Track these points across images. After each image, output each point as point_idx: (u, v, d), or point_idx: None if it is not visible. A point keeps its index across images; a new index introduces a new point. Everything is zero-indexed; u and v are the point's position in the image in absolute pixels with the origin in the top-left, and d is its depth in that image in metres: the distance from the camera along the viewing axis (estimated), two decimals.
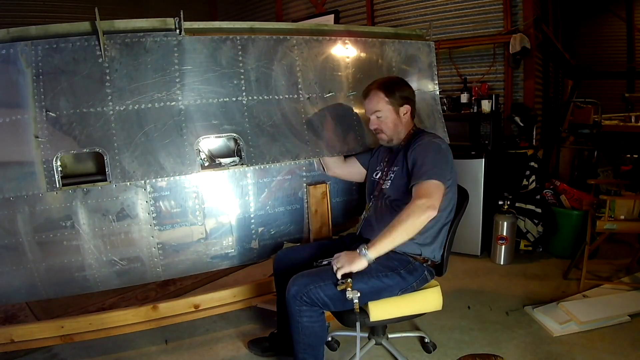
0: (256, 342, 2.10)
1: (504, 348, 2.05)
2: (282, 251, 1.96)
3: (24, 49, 1.60)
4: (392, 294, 1.62)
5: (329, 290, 1.50)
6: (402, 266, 1.63)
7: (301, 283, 1.53)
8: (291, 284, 1.54)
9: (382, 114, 1.73)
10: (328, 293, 1.50)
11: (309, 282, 1.52)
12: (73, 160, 1.93)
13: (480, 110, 3.46)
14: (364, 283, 1.53)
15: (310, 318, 1.53)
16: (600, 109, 4.02)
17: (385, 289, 1.60)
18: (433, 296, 1.72)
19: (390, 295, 1.62)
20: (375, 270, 1.57)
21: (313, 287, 1.51)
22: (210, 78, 1.84)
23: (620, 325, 2.21)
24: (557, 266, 3.03)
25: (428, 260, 1.70)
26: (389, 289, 1.60)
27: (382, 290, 1.60)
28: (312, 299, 1.50)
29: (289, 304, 1.53)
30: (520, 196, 3.29)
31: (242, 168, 1.92)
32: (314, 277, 1.54)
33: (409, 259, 1.66)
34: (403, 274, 1.62)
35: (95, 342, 2.08)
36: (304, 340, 1.55)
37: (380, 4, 4.50)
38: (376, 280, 1.57)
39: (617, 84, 6.63)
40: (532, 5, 3.69)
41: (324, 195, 2.07)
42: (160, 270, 1.89)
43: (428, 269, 1.70)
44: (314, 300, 1.51)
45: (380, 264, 1.57)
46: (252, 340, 2.12)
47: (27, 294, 1.78)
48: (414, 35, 2.29)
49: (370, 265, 1.51)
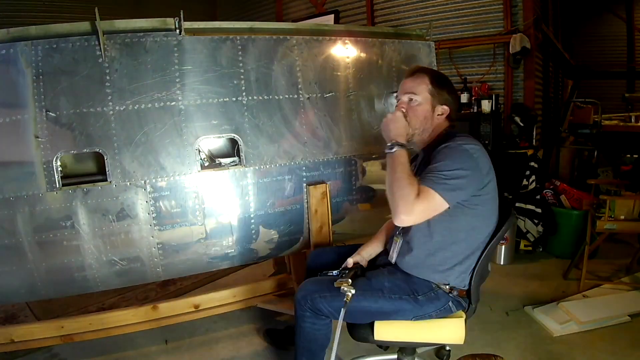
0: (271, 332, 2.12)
1: (504, 348, 2.05)
2: (316, 250, 1.90)
3: (24, 49, 1.60)
4: (404, 318, 1.47)
5: (334, 302, 1.43)
6: (421, 292, 1.45)
7: (308, 289, 1.49)
8: (300, 288, 1.52)
9: (418, 99, 1.48)
10: (333, 304, 1.44)
11: (315, 291, 1.47)
12: (73, 160, 1.93)
13: (480, 110, 3.46)
14: (373, 302, 1.44)
15: (312, 324, 1.49)
16: (600, 109, 4.02)
17: (397, 312, 1.45)
18: (454, 328, 1.47)
19: (402, 318, 1.47)
20: (389, 291, 1.45)
21: (318, 296, 1.46)
22: (210, 78, 1.84)
23: (620, 325, 2.21)
24: (557, 266, 3.03)
25: (454, 290, 1.46)
26: (401, 312, 1.45)
27: (392, 313, 1.46)
28: (315, 307, 1.46)
29: (295, 306, 1.52)
30: (520, 196, 3.29)
31: (242, 168, 1.92)
32: (321, 286, 1.49)
33: (432, 285, 1.46)
34: (421, 300, 1.44)
35: (95, 342, 2.08)
36: (303, 344, 1.53)
37: (380, 4, 4.51)
38: (385, 302, 1.44)
39: (617, 84, 6.63)
40: (532, 5, 3.70)
41: (324, 195, 2.07)
42: (160, 270, 1.89)
43: (454, 300, 1.46)
44: (317, 308, 1.46)
45: (394, 284, 1.46)
46: (268, 330, 2.13)
47: (27, 294, 1.78)
48: (414, 35, 2.29)
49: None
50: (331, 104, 2.07)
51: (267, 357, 2.07)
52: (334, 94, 2.05)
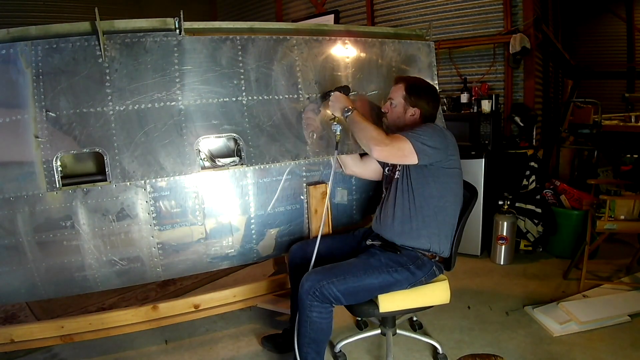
0: (270, 339, 2.12)
1: (504, 348, 2.05)
2: (296, 245, 2.00)
3: (24, 49, 1.60)
4: (401, 288, 1.71)
5: (341, 286, 1.60)
6: (411, 262, 1.72)
7: (315, 279, 1.61)
8: (305, 280, 1.63)
9: (394, 103, 1.85)
10: (340, 288, 1.60)
11: (322, 278, 1.61)
12: (73, 160, 1.93)
13: (480, 110, 3.46)
14: (375, 278, 1.65)
15: (319, 314, 1.60)
16: (600, 109, 4.01)
17: (395, 284, 1.69)
18: (441, 290, 1.80)
19: (399, 289, 1.71)
20: (386, 266, 1.69)
21: (326, 282, 1.60)
22: (210, 78, 1.84)
23: (620, 325, 2.22)
24: (557, 266, 3.03)
25: (436, 256, 1.77)
26: (399, 283, 1.70)
27: (392, 285, 1.69)
28: (324, 294, 1.59)
29: (301, 298, 1.61)
30: (520, 196, 3.30)
31: (242, 168, 1.92)
32: (326, 274, 1.63)
33: (418, 254, 1.74)
34: (412, 269, 1.71)
35: (95, 342, 2.08)
36: (310, 334, 1.62)
37: (380, 4, 4.50)
38: (386, 275, 1.67)
39: (617, 84, 6.63)
40: (532, 5, 3.69)
41: (324, 195, 2.07)
42: (160, 270, 1.89)
43: (437, 265, 1.78)
44: (325, 295, 1.59)
45: (390, 260, 1.71)
46: (266, 337, 2.14)
47: (27, 294, 1.78)
48: (413, 35, 2.29)
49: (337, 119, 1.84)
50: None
51: (267, 357, 2.07)
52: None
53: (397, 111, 1.84)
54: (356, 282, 1.63)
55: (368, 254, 1.77)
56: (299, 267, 1.85)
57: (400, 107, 1.83)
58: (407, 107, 1.82)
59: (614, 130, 4.45)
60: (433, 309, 1.88)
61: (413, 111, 1.81)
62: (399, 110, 1.83)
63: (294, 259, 1.95)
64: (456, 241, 1.82)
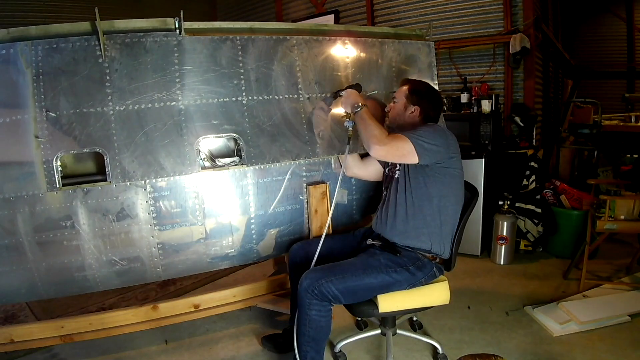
0: (270, 338, 2.12)
1: (504, 348, 2.05)
2: (296, 245, 2.01)
3: (24, 49, 1.60)
4: (400, 288, 1.72)
5: (340, 284, 1.61)
6: (411, 263, 1.72)
7: (314, 277, 1.62)
8: (304, 278, 1.64)
9: (397, 101, 1.89)
10: (339, 287, 1.61)
11: (321, 277, 1.62)
12: (73, 160, 1.93)
13: (480, 110, 3.46)
14: (374, 278, 1.66)
15: (318, 312, 1.61)
16: (600, 109, 4.02)
17: (394, 284, 1.70)
18: (441, 290, 1.80)
19: (399, 289, 1.72)
20: (385, 266, 1.69)
21: (324, 281, 1.60)
22: (210, 78, 1.83)
23: (620, 325, 2.22)
24: (557, 266, 3.03)
25: (437, 258, 1.78)
26: (398, 283, 1.70)
27: (391, 285, 1.70)
28: (323, 293, 1.60)
29: (300, 297, 1.62)
30: (520, 196, 3.30)
31: (242, 168, 1.92)
32: (326, 272, 1.64)
33: (418, 255, 1.75)
34: (412, 270, 1.71)
35: (95, 342, 2.09)
36: (309, 333, 1.63)
37: (380, 4, 4.50)
38: (385, 276, 1.68)
39: (617, 84, 6.63)
40: (532, 5, 3.69)
41: (323, 195, 2.07)
42: (160, 270, 1.89)
43: (437, 266, 1.79)
44: (324, 294, 1.60)
45: (390, 260, 1.71)
46: (266, 337, 2.14)
47: (27, 294, 1.77)
48: (413, 36, 2.29)
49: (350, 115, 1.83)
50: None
51: (267, 357, 2.07)
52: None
53: (398, 108, 1.86)
54: (355, 281, 1.64)
55: (368, 254, 1.77)
56: (299, 267, 1.86)
57: (400, 105, 1.86)
58: (408, 105, 1.84)
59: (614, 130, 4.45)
60: (433, 309, 1.88)
61: (413, 109, 1.83)
62: (399, 107, 1.86)
63: (294, 259, 1.95)
64: (456, 241, 1.82)
